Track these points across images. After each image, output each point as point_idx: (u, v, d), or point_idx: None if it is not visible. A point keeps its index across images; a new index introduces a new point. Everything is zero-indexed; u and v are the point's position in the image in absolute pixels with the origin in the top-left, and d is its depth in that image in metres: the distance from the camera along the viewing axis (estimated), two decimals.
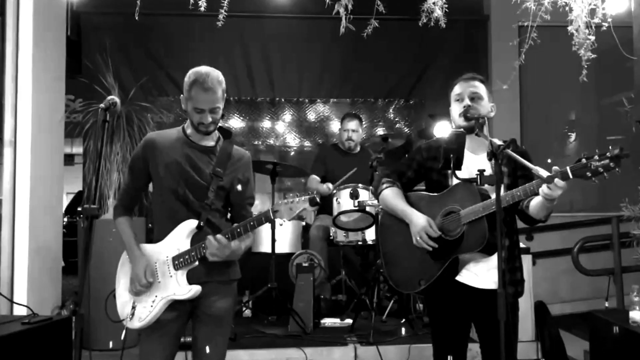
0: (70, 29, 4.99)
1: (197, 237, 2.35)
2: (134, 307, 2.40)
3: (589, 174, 1.95)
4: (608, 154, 1.91)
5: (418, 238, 2.31)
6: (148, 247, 2.43)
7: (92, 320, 3.90)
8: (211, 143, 2.45)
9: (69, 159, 5.79)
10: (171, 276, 2.35)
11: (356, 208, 4.12)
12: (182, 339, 3.70)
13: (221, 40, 5.82)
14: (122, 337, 2.37)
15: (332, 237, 4.52)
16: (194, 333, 2.44)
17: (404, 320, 4.17)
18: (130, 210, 2.53)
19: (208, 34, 5.68)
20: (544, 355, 3.88)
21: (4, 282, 3.86)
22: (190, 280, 2.35)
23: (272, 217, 2.21)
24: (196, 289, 2.33)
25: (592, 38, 3.36)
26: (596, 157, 1.93)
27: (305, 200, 2.16)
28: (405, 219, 2.39)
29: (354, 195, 4.09)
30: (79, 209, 2.21)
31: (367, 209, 4.13)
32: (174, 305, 2.36)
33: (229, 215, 2.54)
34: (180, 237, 2.36)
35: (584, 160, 1.96)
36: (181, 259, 2.34)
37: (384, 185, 2.51)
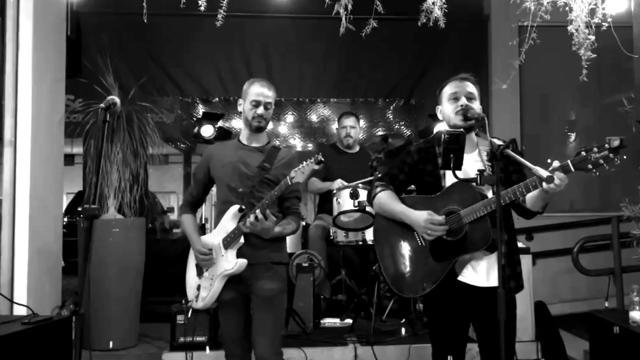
0: (70, 29, 5.00)
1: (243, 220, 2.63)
2: (198, 290, 2.76)
3: (590, 166, 1.97)
4: (607, 145, 1.94)
5: (428, 232, 2.28)
6: (204, 238, 2.79)
7: (92, 320, 3.93)
8: (260, 144, 2.83)
9: (69, 159, 5.78)
10: (223, 255, 2.68)
11: (356, 208, 4.12)
12: (182, 339, 3.75)
13: (221, 40, 5.82)
14: (189, 316, 3.25)
15: (332, 237, 4.51)
16: (252, 316, 2.71)
17: (404, 320, 4.17)
18: (193, 209, 2.92)
19: (208, 34, 5.68)
20: (544, 355, 3.88)
21: (4, 282, 3.86)
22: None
23: (290, 182, 2.50)
24: (242, 261, 2.63)
25: (592, 38, 3.36)
26: (595, 149, 1.96)
27: (312, 162, 2.45)
28: (405, 219, 2.37)
29: (354, 195, 4.08)
30: (79, 209, 2.20)
31: (367, 209, 4.13)
32: (231, 286, 2.68)
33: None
34: (227, 222, 2.69)
35: (583, 153, 1.98)
36: (228, 238, 2.66)
37: (378, 189, 2.50)
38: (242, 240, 2.64)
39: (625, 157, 1.97)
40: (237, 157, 2.77)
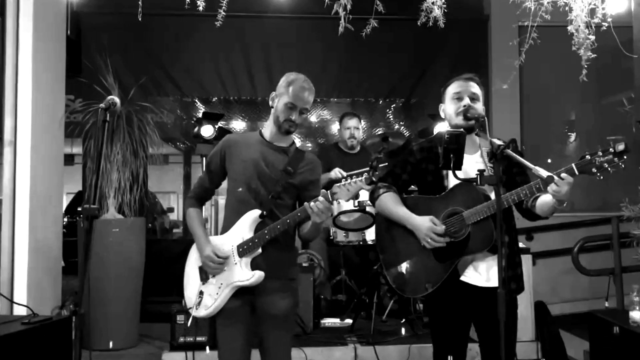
0: (70, 29, 4.99)
1: (261, 227, 2.44)
2: (200, 297, 2.50)
3: (594, 169, 1.98)
4: (611, 149, 1.94)
5: (429, 240, 2.28)
6: (213, 239, 2.53)
7: (92, 320, 3.93)
8: (285, 145, 2.58)
9: (69, 159, 5.77)
10: (235, 263, 2.44)
11: (356, 208, 4.11)
12: (182, 339, 3.75)
13: (221, 40, 5.81)
14: (189, 325, 2.60)
15: (332, 237, 4.51)
16: (259, 330, 2.52)
17: (404, 320, 4.17)
18: (201, 203, 2.69)
19: (208, 34, 5.67)
20: (544, 355, 3.88)
21: (4, 282, 3.86)
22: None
23: (331, 200, 2.30)
24: (259, 274, 2.40)
25: (592, 38, 3.36)
26: (599, 153, 1.97)
27: (362, 180, 2.24)
28: (406, 224, 2.37)
29: (354, 195, 4.08)
30: (79, 209, 2.21)
31: (368, 209, 4.13)
32: (238, 295, 2.45)
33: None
34: (244, 226, 2.45)
35: (587, 157, 1.99)
36: (245, 246, 2.43)
37: (381, 190, 2.49)
38: (259, 250, 2.42)
39: (625, 157, 1.98)
40: (260, 154, 2.51)
